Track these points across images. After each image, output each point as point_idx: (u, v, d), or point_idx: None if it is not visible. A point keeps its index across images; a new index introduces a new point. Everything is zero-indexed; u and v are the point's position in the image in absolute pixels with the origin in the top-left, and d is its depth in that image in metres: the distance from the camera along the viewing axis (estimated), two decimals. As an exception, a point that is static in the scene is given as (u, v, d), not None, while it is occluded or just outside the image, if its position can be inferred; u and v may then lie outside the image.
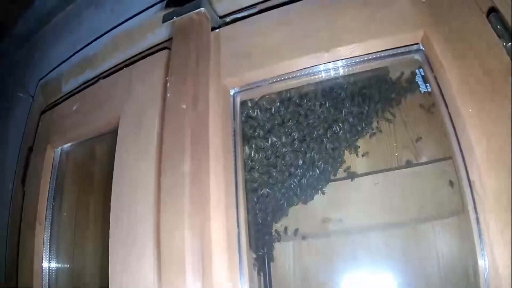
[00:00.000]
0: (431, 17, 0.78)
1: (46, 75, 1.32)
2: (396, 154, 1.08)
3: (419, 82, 0.80)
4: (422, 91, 0.78)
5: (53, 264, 1.06)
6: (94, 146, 1.31)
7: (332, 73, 0.88)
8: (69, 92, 1.19)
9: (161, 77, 0.91)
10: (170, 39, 0.97)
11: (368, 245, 1.05)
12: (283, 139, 0.98)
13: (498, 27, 0.78)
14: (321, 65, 0.85)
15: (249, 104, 0.97)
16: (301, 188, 1.01)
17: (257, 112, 0.97)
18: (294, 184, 1.00)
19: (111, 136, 1.01)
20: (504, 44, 0.77)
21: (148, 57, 0.98)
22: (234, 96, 0.87)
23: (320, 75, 0.88)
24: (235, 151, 0.83)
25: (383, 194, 1.03)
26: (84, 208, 1.25)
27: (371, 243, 1.05)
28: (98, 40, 1.19)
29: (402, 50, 0.85)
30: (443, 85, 0.78)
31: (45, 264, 1.03)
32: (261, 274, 1.09)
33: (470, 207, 0.71)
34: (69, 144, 1.16)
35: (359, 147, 1.09)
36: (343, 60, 0.86)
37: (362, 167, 1.10)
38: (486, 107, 0.72)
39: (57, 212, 1.15)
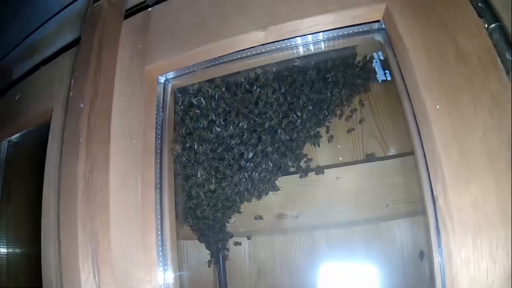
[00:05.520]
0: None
1: None
2: (362, 145, 0.85)
3: (376, 69, 0.57)
4: (380, 80, 0.56)
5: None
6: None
7: (276, 55, 0.66)
8: (16, 79, 0.99)
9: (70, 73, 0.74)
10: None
11: (327, 243, 0.85)
12: (230, 130, 0.76)
13: (479, 4, 0.55)
14: (259, 46, 0.62)
15: (191, 90, 0.75)
16: (253, 183, 0.81)
17: (200, 99, 0.75)
18: (244, 178, 0.80)
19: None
20: (486, 25, 0.53)
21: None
22: (164, 84, 0.66)
23: (262, 57, 0.66)
24: (161, 146, 0.62)
25: (346, 190, 0.82)
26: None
27: (330, 241, 0.85)
28: (47, 23, 0.97)
29: (359, 28, 0.62)
30: (406, 72, 0.56)
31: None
32: (216, 271, 0.92)
33: (431, 220, 0.51)
34: (17, 135, 0.98)
35: (321, 137, 0.86)
36: (286, 41, 0.63)
37: (324, 159, 0.88)
38: (458, 103, 0.50)
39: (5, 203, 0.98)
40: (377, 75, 0.58)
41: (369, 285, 0.80)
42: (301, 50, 0.69)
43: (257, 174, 0.80)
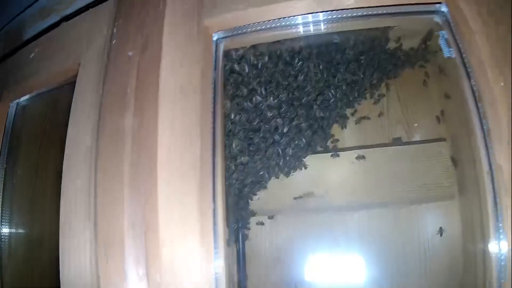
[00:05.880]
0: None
1: (7, 24, 1.03)
2: (388, 130, 0.89)
3: (442, 45, 0.60)
4: (446, 56, 0.59)
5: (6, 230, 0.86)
6: (59, 98, 1.05)
7: (335, 26, 0.66)
8: (29, 39, 0.91)
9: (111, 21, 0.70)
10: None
11: (350, 224, 0.88)
12: (269, 101, 0.76)
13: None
14: (324, 12, 0.63)
15: (234, 56, 0.73)
16: (285, 159, 0.81)
17: (243, 66, 0.74)
18: (277, 153, 0.80)
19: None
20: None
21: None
22: (217, 42, 0.64)
23: (320, 26, 0.66)
24: (214, 108, 0.60)
25: (371, 171, 0.85)
26: (45, 169, 0.99)
27: (353, 222, 0.87)
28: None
29: (420, 8, 0.65)
30: (471, 53, 0.59)
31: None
32: (234, 250, 0.90)
33: (489, 193, 0.55)
34: (27, 96, 0.90)
35: (348, 118, 0.89)
36: (349, 11, 0.64)
37: (350, 140, 0.91)
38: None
39: (10, 174, 0.90)
40: (443, 52, 0.61)
41: (392, 267, 0.84)
42: (348, 24, 0.71)
43: (290, 149, 0.81)
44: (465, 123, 0.73)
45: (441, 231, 0.82)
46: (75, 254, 0.61)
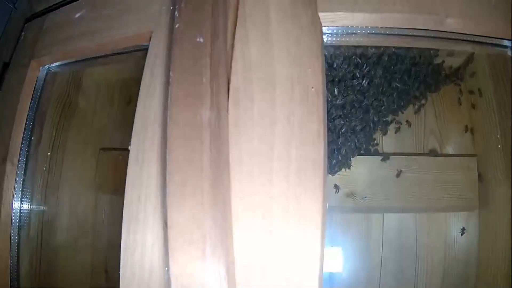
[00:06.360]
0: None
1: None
2: (422, 140, 0.96)
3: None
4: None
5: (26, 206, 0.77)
6: (84, 71, 0.99)
7: (416, 42, 0.70)
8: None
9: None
10: None
11: (379, 225, 0.94)
12: (338, 100, 0.78)
13: None
14: (422, 30, 0.65)
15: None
16: (337, 158, 0.83)
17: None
18: (332, 152, 0.82)
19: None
20: None
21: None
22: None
23: (409, 40, 0.69)
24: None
25: (405, 178, 0.91)
26: (62, 145, 0.93)
27: (385, 224, 0.93)
28: None
29: (496, 41, 0.71)
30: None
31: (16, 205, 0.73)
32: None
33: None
34: (63, 62, 0.81)
35: (390, 123, 0.94)
36: (441, 33, 0.68)
37: (388, 146, 0.96)
38: None
39: (34, 148, 0.82)
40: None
41: (415, 268, 0.92)
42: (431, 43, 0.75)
43: (344, 149, 0.83)
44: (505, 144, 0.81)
45: (463, 231, 0.92)
46: (140, 252, 0.56)
